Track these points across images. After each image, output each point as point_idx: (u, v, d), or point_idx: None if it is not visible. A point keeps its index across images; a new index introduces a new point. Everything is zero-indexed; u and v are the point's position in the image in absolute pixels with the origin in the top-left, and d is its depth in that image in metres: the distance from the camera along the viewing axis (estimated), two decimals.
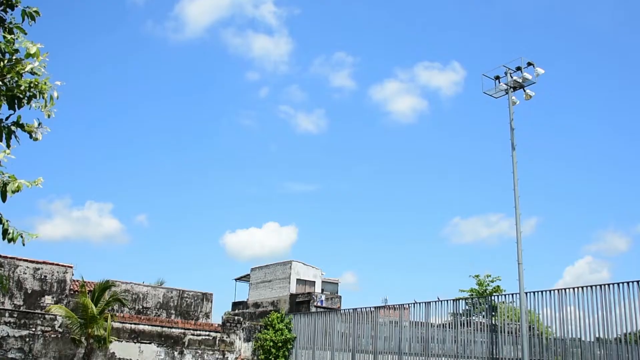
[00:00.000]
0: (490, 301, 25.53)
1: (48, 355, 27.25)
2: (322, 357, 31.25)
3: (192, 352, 31.11)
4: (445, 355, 25.34)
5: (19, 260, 28.36)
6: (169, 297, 33.77)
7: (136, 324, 29.88)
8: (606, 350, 20.10)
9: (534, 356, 21.96)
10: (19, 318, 26.87)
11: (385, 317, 29.05)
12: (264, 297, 40.15)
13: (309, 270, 40.07)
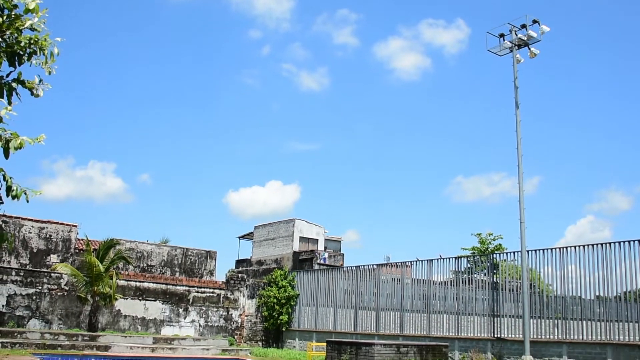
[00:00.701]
0: (491, 259, 25.73)
1: (55, 312, 27.66)
2: (325, 313, 31.63)
3: (197, 309, 31.52)
4: (447, 312, 25.64)
5: (24, 220, 28.59)
6: (173, 255, 34.10)
7: (141, 281, 30.23)
8: (606, 308, 20.32)
9: (534, 313, 22.23)
10: (26, 276, 27.20)
11: (388, 275, 29.29)
12: (268, 254, 40.51)
13: (312, 228, 40.33)
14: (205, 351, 27.08)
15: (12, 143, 5.75)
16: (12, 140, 5.75)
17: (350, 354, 21.75)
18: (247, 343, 32.60)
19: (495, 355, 22.64)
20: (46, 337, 24.28)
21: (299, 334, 32.50)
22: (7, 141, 5.75)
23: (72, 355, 22.19)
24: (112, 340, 25.30)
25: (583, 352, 20.17)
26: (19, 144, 5.79)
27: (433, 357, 22.01)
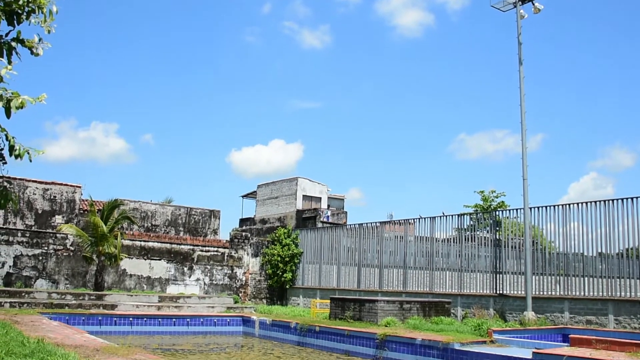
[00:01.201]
0: (494, 216, 25.79)
1: (61, 272, 27.94)
2: (329, 271, 31.91)
3: (202, 267, 31.81)
4: (449, 269, 25.84)
5: (28, 182, 28.66)
6: (177, 214, 34.24)
7: (146, 241, 30.45)
8: (608, 264, 20.45)
9: (536, 270, 22.39)
10: (31, 237, 27.40)
11: (391, 232, 29.43)
12: (271, 213, 40.62)
13: (315, 187, 40.35)
14: (211, 309, 27.39)
15: (14, 102, 5.72)
16: (13, 100, 5.73)
17: (353, 311, 22.01)
18: (252, 301, 32.98)
19: (497, 311, 22.89)
20: (53, 297, 24.57)
21: (302, 291, 32.85)
22: (9, 101, 5.72)
23: (79, 314, 22.47)
24: (118, 299, 25.60)
25: (584, 308, 20.37)
26: (21, 104, 5.76)
27: (436, 313, 22.28)
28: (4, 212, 27.78)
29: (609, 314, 19.67)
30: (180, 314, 25.06)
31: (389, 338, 17.94)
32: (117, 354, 11.50)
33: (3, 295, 23.86)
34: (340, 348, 19.72)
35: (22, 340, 11.20)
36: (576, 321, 20.47)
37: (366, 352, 18.63)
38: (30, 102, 5.90)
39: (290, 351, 20.41)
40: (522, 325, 20.42)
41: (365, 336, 18.87)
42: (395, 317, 20.87)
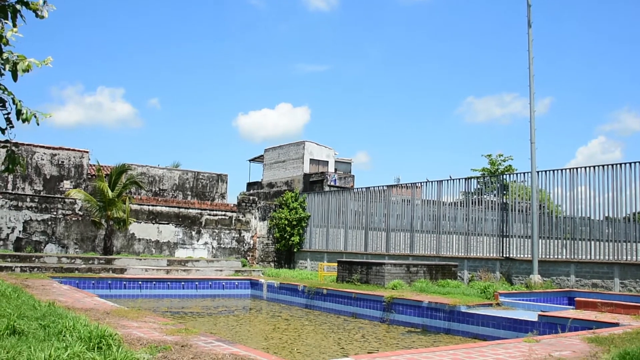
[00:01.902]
0: (501, 180, 25.76)
1: (70, 237, 28.18)
2: (336, 234, 32.07)
3: (209, 231, 32.01)
4: (456, 233, 25.92)
5: (35, 147, 28.75)
6: (184, 178, 34.35)
7: (154, 205, 30.61)
8: (614, 228, 20.45)
9: (543, 234, 22.43)
10: (40, 203, 27.58)
11: (398, 196, 29.46)
12: (278, 177, 40.71)
13: (322, 151, 40.32)
14: (219, 272, 27.64)
15: (20, 66, 5.70)
16: (19, 63, 5.71)
17: (361, 274, 22.17)
18: (260, 264, 33.25)
19: (503, 275, 23.01)
20: (63, 261, 24.83)
21: (310, 254, 33.07)
22: (15, 64, 5.70)
23: (89, 278, 22.72)
24: (127, 263, 25.85)
25: (590, 271, 20.46)
26: (27, 67, 5.73)
27: (442, 276, 22.42)
28: (13, 178, 27.94)
29: (614, 278, 19.76)
30: (189, 278, 25.31)
31: (395, 301, 18.09)
32: (127, 317, 11.66)
33: (14, 260, 24.13)
34: (348, 311, 19.92)
35: (33, 303, 11.35)
36: (582, 284, 20.57)
37: (373, 315, 18.81)
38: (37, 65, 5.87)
39: (298, 314, 20.63)
40: (528, 289, 20.54)
41: (372, 299, 19.04)
42: (402, 280, 21.02)
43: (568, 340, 10.36)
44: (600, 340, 10.08)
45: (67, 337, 7.58)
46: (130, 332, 9.66)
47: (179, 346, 8.41)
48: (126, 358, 6.66)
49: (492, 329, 14.97)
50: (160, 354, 7.72)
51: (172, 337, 9.37)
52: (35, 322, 8.93)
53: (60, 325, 8.32)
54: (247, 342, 13.77)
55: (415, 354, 8.74)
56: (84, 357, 6.41)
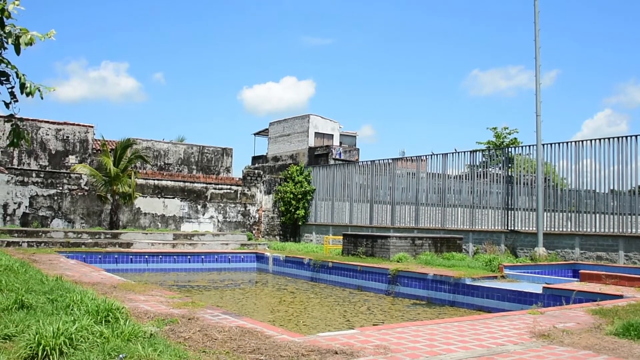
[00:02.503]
0: (507, 153, 25.71)
1: (77, 212, 28.31)
2: (341, 208, 32.13)
3: (215, 205, 32.10)
4: (461, 206, 25.94)
5: (40, 122, 28.76)
6: (189, 153, 34.36)
7: (159, 179, 30.67)
8: (619, 201, 20.44)
9: (548, 207, 22.44)
10: (46, 178, 27.66)
11: (403, 169, 29.45)
12: (283, 150, 40.70)
13: (327, 124, 40.25)
14: (225, 246, 27.78)
15: (23, 39, 5.69)
16: (22, 36, 5.70)
17: (366, 247, 22.25)
18: (265, 237, 33.38)
19: (508, 247, 23.07)
20: (70, 236, 24.98)
21: (315, 227, 33.17)
22: (17, 37, 5.69)
23: (96, 253, 22.86)
24: (134, 238, 25.99)
25: (595, 244, 20.49)
26: (30, 40, 5.72)
27: (447, 249, 22.49)
28: (18, 153, 27.99)
29: (619, 250, 19.79)
30: (195, 251, 25.45)
31: (401, 273, 18.18)
32: (134, 291, 11.76)
33: (21, 235, 24.29)
34: (353, 283, 20.03)
35: (41, 278, 11.45)
36: (586, 257, 20.62)
37: (378, 287, 18.91)
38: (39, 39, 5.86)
39: (303, 287, 20.76)
40: (532, 261, 20.60)
41: (377, 272, 19.13)
42: (407, 253, 21.10)
43: (572, 312, 10.42)
44: (604, 312, 10.13)
45: (74, 310, 7.66)
46: (138, 305, 9.75)
47: (185, 319, 8.49)
48: (133, 331, 6.73)
49: (496, 301, 15.06)
50: (168, 327, 7.80)
51: (179, 310, 9.46)
52: (43, 296, 9.02)
53: (68, 299, 8.40)
54: (253, 315, 13.88)
55: (421, 326, 8.81)
56: (92, 330, 6.48)
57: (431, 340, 7.66)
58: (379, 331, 8.30)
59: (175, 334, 7.37)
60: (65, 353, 5.76)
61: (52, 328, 5.99)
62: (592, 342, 7.79)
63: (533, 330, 8.54)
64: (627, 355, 7.03)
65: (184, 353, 6.16)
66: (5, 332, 6.53)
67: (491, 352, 7.04)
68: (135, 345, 6.18)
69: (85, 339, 6.22)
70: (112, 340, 6.35)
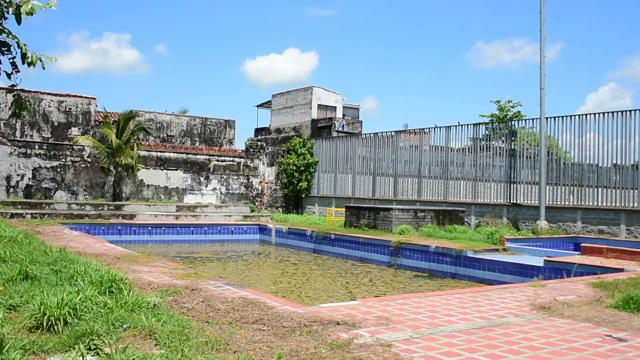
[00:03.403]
0: (510, 126, 25.63)
1: (80, 184, 28.37)
2: (344, 180, 32.16)
3: (218, 177, 32.14)
4: (464, 179, 25.95)
5: (42, 94, 28.69)
6: (192, 124, 34.31)
7: (162, 151, 30.68)
8: (622, 176, 20.43)
9: (550, 180, 22.44)
10: (49, 150, 27.67)
11: (406, 141, 29.40)
12: (286, 123, 40.61)
13: (330, 96, 40.09)
14: (228, 217, 27.88)
15: (24, 8, 5.66)
16: (23, 5, 5.67)
17: (368, 219, 22.31)
18: (268, 209, 33.48)
19: (510, 220, 23.12)
20: (73, 208, 25.07)
21: (318, 200, 33.24)
22: (18, 6, 5.66)
23: (99, 224, 22.96)
24: (137, 209, 26.07)
25: (597, 217, 20.52)
26: (30, 9, 5.69)
27: (450, 221, 22.54)
28: (21, 125, 27.98)
29: (620, 224, 19.82)
30: (198, 223, 25.55)
31: (403, 245, 18.26)
32: (137, 262, 11.83)
33: (24, 207, 24.38)
34: (355, 255, 20.13)
35: (45, 249, 11.51)
36: (588, 231, 20.67)
37: (381, 259, 19.01)
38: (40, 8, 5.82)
39: (306, 258, 20.87)
40: (534, 234, 20.66)
41: (380, 244, 19.21)
42: (409, 225, 21.16)
43: (573, 285, 10.48)
44: (604, 286, 10.19)
45: (78, 281, 7.72)
46: (141, 276, 9.82)
47: (188, 290, 8.56)
48: (137, 302, 6.78)
49: (498, 274, 15.13)
50: (171, 298, 7.87)
51: (182, 281, 9.53)
52: (47, 268, 9.08)
53: (72, 270, 8.46)
54: (256, 286, 13.98)
55: (422, 298, 8.87)
56: (96, 301, 6.54)
57: (432, 312, 7.72)
58: (380, 302, 8.37)
59: (178, 305, 7.43)
60: (69, 323, 5.82)
61: (56, 299, 6.05)
62: (592, 314, 7.85)
63: (534, 303, 8.60)
64: (627, 328, 7.08)
65: (187, 323, 6.22)
66: (10, 302, 6.59)
67: (492, 324, 7.10)
68: (138, 315, 6.24)
69: (89, 310, 6.28)
70: (115, 310, 6.41)
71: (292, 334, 6.22)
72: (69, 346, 5.23)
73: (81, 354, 4.79)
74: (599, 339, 6.49)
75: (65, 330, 5.67)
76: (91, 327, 5.57)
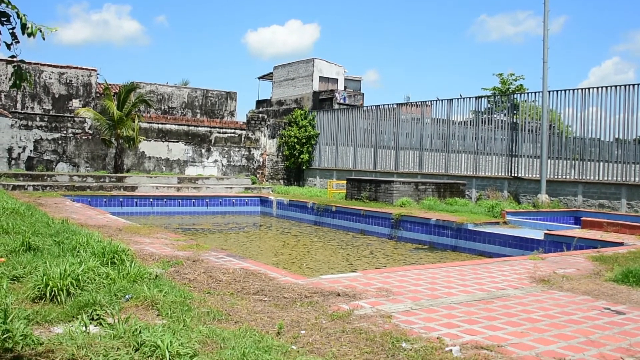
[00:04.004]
0: (512, 99, 25.52)
1: (81, 156, 28.37)
2: (345, 152, 32.13)
3: (219, 149, 32.13)
4: (465, 152, 25.91)
5: (43, 66, 28.55)
6: (193, 96, 34.20)
7: (163, 123, 30.63)
8: (624, 150, 20.38)
9: (552, 154, 22.41)
10: (50, 122, 27.62)
11: (408, 114, 29.31)
12: (287, 95, 40.43)
13: (332, 68, 39.84)
14: (229, 189, 27.94)
15: None
16: None
17: (370, 191, 22.35)
18: (269, 181, 33.52)
19: (511, 194, 23.14)
20: (75, 180, 25.11)
21: (319, 172, 33.25)
22: None
23: (101, 196, 23.02)
24: (138, 181, 26.12)
25: (598, 191, 20.53)
26: None
27: (451, 194, 22.57)
28: (21, 97, 27.90)
29: (621, 198, 19.84)
30: (199, 195, 25.61)
31: (404, 218, 18.31)
32: (139, 233, 11.89)
33: (26, 179, 24.42)
34: (356, 227, 20.20)
35: (47, 221, 11.57)
36: (589, 205, 20.69)
37: (381, 232, 19.08)
38: None
39: (307, 230, 20.94)
40: (535, 208, 20.69)
41: (380, 216, 19.27)
42: (410, 198, 21.20)
43: (573, 259, 10.53)
44: (604, 259, 10.23)
45: (81, 252, 7.77)
46: (143, 248, 9.88)
47: (190, 261, 8.61)
48: (139, 273, 6.84)
49: (498, 247, 15.20)
50: (173, 269, 7.92)
51: (184, 252, 9.58)
52: (49, 239, 9.13)
53: (74, 241, 8.51)
54: (257, 257, 14.06)
55: (422, 270, 8.93)
56: (98, 272, 6.59)
57: (432, 284, 7.78)
58: (381, 274, 8.42)
59: (180, 276, 7.49)
60: (72, 294, 5.87)
61: (59, 269, 6.09)
62: (591, 287, 7.90)
63: (533, 276, 8.65)
64: (625, 301, 7.13)
65: (189, 294, 6.27)
66: (13, 273, 6.65)
67: (491, 296, 7.15)
68: (141, 286, 6.29)
69: (91, 280, 6.33)
70: (118, 281, 6.46)
71: (293, 305, 6.28)
72: (72, 316, 5.28)
73: (84, 324, 4.84)
74: (597, 311, 6.55)
75: (68, 300, 5.72)
76: (94, 297, 5.62)
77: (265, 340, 4.81)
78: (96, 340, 4.48)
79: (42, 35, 5.84)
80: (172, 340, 4.31)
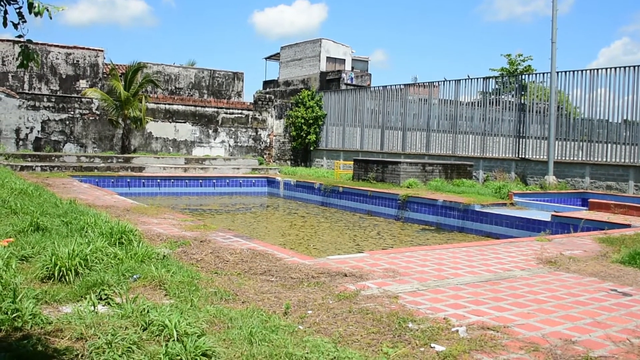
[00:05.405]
0: (520, 80, 25.38)
1: (89, 136, 28.41)
2: (352, 133, 32.06)
3: (226, 129, 32.11)
4: (473, 133, 25.83)
5: (50, 46, 28.55)
6: (200, 77, 34.16)
7: (170, 104, 30.60)
8: (632, 132, 20.27)
9: (560, 135, 22.31)
10: (57, 102, 27.63)
11: (415, 95, 29.20)
12: (295, 75, 40.33)
13: (339, 48, 39.69)
14: (236, 170, 27.96)
15: None
16: None
17: (376, 172, 22.33)
18: (276, 162, 33.52)
19: (518, 175, 23.09)
20: (82, 160, 25.17)
21: (326, 153, 33.22)
22: None
23: (108, 177, 23.07)
24: (146, 162, 26.16)
25: (605, 173, 20.45)
26: None
27: (458, 175, 22.54)
28: (29, 78, 27.92)
29: (629, 180, 19.76)
30: (207, 175, 25.64)
31: (410, 199, 18.31)
32: (146, 214, 11.94)
33: (34, 160, 24.50)
34: (363, 208, 20.22)
35: (55, 201, 11.61)
36: (596, 186, 20.63)
37: (388, 213, 19.09)
38: None
39: (314, 211, 20.98)
40: (542, 189, 20.65)
41: (387, 197, 19.27)
42: (417, 179, 21.18)
43: (580, 240, 10.52)
44: (611, 241, 10.22)
45: (89, 233, 7.81)
46: (150, 228, 9.92)
47: (197, 241, 8.65)
48: (147, 253, 6.87)
49: (505, 228, 15.19)
50: (180, 249, 7.96)
51: (191, 233, 9.62)
52: (57, 219, 9.17)
53: (82, 221, 8.54)
54: (264, 238, 14.10)
55: (429, 251, 8.94)
56: (106, 252, 6.62)
57: (439, 265, 7.79)
58: (388, 255, 8.44)
59: (187, 256, 7.52)
60: (80, 274, 5.91)
61: (67, 249, 6.13)
62: (598, 269, 7.90)
63: (540, 257, 8.65)
64: (632, 283, 7.13)
65: (196, 274, 6.30)
66: (22, 253, 6.69)
67: (498, 277, 7.16)
68: (148, 266, 6.32)
69: (99, 260, 6.37)
70: (126, 261, 6.49)
71: (300, 285, 6.30)
72: (80, 296, 5.33)
73: (92, 304, 4.88)
74: (604, 293, 6.55)
75: (76, 280, 5.76)
76: (102, 277, 5.66)
77: (272, 320, 4.84)
78: (104, 319, 4.52)
79: (49, 15, 5.83)
80: (179, 319, 4.34)
